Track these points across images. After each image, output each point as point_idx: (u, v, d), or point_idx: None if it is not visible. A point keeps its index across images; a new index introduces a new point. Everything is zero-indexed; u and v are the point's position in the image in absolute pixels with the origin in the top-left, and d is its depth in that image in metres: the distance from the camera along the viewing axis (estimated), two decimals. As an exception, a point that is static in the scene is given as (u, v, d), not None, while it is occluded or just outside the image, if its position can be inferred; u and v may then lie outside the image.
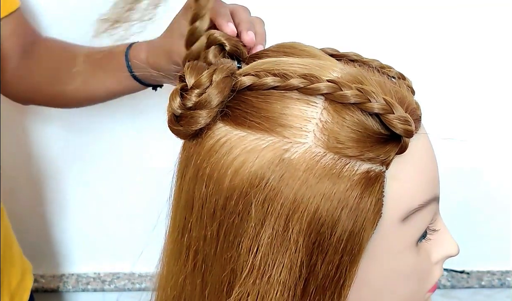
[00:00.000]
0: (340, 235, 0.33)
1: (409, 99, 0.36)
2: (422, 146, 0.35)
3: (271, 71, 0.35)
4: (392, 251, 0.35)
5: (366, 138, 0.33)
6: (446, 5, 0.71)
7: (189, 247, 0.36)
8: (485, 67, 0.74)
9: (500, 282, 0.85)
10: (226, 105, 0.35)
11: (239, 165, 0.33)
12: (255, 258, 0.33)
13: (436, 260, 0.39)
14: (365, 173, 0.33)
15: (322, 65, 0.35)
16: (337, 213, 0.32)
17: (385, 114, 0.33)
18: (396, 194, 0.34)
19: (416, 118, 0.35)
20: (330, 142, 0.33)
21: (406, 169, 0.34)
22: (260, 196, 0.33)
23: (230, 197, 0.33)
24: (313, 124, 0.33)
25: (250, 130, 0.34)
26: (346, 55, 0.39)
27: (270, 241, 0.33)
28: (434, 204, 0.36)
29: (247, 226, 0.33)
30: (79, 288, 0.86)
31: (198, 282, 0.36)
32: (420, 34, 0.72)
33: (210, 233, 0.35)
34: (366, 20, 0.71)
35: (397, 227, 0.35)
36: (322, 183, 0.32)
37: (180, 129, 0.35)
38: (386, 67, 0.38)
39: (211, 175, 0.34)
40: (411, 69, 0.43)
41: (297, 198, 0.32)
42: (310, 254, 0.33)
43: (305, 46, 0.38)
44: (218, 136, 0.34)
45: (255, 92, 0.35)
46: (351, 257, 0.33)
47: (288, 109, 0.33)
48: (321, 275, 0.33)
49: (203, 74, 0.35)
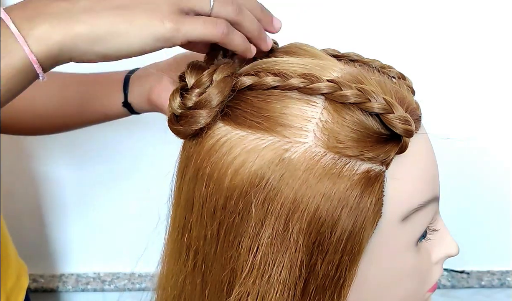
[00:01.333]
0: (340, 234, 0.33)
1: (409, 99, 0.36)
2: (422, 146, 0.35)
3: (271, 71, 0.35)
4: (392, 250, 0.35)
5: (366, 138, 0.33)
6: (446, 5, 0.71)
7: (189, 246, 0.36)
8: (486, 67, 0.74)
9: (500, 282, 0.85)
10: (226, 105, 0.35)
11: (239, 164, 0.33)
12: (255, 257, 0.33)
13: (436, 260, 0.39)
14: (365, 172, 0.33)
15: (322, 65, 0.35)
16: (337, 213, 0.32)
17: (385, 114, 0.33)
18: (396, 193, 0.34)
19: (416, 118, 0.35)
20: (330, 142, 0.33)
21: (406, 168, 0.34)
22: (260, 196, 0.33)
23: (230, 196, 0.33)
24: (313, 124, 0.33)
25: (250, 130, 0.34)
26: (347, 55, 0.39)
27: (270, 241, 0.33)
28: (434, 203, 0.36)
29: (247, 226, 0.33)
30: (79, 288, 0.85)
31: (198, 282, 0.36)
32: (420, 34, 0.72)
33: (210, 233, 0.35)
34: (366, 20, 0.71)
35: (397, 227, 0.35)
36: (322, 182, 0.32)
37: (180, 129, 0.35)
38: (386, 67, 0.38)
39: (211, 174, 0.34)
40: (411, 69, 0.43)
41: (297, 198, 0.32)
42: (310, 254, 0.33)
43: (305, 46, 0.38)
44: (218, 136, 0.34)
45: (255, 92, 0.35)
46: (351, 257, 0.33)
47: (288, 109, 0.33)
48: (321, 275, 0.33)
49: (203, 73, 0.35)
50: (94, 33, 0.32)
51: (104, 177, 0.82)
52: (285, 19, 0.40)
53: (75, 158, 0.81)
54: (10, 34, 0.32)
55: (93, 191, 0.82)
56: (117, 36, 0.33)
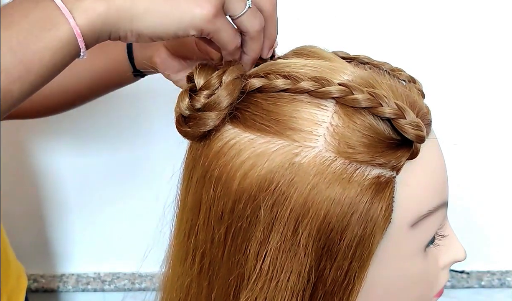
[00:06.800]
0: (349, 240, 0.32)
1: (420, 104, 0.35)
2: (432, 152, 0.35)
3: (281, 73, 0.34)
4: (400, 256, 0.35)
5: (377, 144, 0.33)
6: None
7: (195, 249, 0.36)
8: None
9: (500, 282, 0.85)
10: (235, 107, 0.34)
11: (248, 168, 0.33)
12: (264, 262, 0.33)
13: (443, 265, 0.39)
14: (376, 178, 0.32)
15: (332, 67, 0.35)
16: (347, 218, 0.32)
17: (397, 119, 0.32)
18: (406, 199, 0.33)
19: (426, 123, 0.35)
20: (340, 147, 0.32)
21: (416, 174, 0.34)
22: (269, 200, 0.32)
23: (238, 200, 0.33)
24: (323, 128, 0.33)
25: (260, 133, 0.33)
26: (357, 57, 0.38)
27: (278, 246, 0.32)
28: (443, 209, 0.36)
29: (255, 230, 0.33)
30: (79, 288, 0.85)
31: (204, 285, 0.36)
32: (421, 35, 0.72)
33: (218, 236, 0.34)
34: (366, 20, 0.71)
35: (406, 233, 0.34)
36: (332, 187, 0.32)
37: (188, 130, 0.35)
38: (396, 70, 0.38)
39: (220, 177, 0.34)
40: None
41: (306, 203, 0.32)
42: (319, 259, 0.33)
43: (315, 48, 0.38)
44: (227, 138, 0.34)
45: (265, 94, 0.34)
46: (360, 263, 0.33)
47: (298, 112, 0.33)
48: (329, 281, 0.33)
49: (212, 75, 0.35)
50: (135, 8, 0.33)
51: (104, 177, 0.81)
52: (285, 20, 0.40)
53: (76, 158, 0.81)
54: (55, 7, 0.32)
55: (93, 192, 0.82)
56: (156, 15, 0.33)
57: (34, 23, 0.32)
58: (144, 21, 0.33)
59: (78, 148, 0.80)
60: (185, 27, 0.33)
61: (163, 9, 0.33)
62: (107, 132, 0.79)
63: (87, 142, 0.80)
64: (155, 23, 0.33)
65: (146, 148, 0.80)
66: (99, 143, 0.80)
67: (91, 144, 0.80)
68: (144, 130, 0.78)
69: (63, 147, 0.80)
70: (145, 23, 0.33)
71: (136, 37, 0.34)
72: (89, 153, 0.80)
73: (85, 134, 0.79)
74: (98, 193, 0.82)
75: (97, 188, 0.82)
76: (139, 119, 0.78)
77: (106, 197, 0.82)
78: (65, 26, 0.32)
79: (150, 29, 0.33)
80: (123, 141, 0.80)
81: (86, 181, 0.82)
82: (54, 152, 0.80)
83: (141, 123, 0.78)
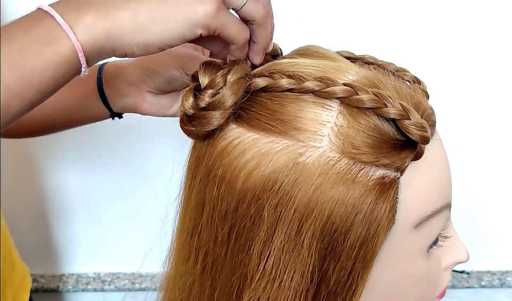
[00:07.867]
0: (353, 241, 0.32)
1: (424, 105, 0.35)
2: (437, 153, 0.35)
3: (286, 73, 0.34)
4: (403, 257, 0.35)
5: (382, 144, 0.32)
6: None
7: (198, 248, 0.36)
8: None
9: (500, 282, 0.85)
10: (239, 106, 0.34)
11: (252, 167, 0.33)
12: (267, 262, 0.33)
13: (446, 266, 0.39)
14: (380, 179, 0.32)
15: (337, 67, 0.35)
16: (351, 219, 0.32)
17: (402, 120, 0.32)
18: (410, 200, 0.33)
19: (431, 123, 0.35)
20: (345, 147, 0.32)
21: (420, 175, 0.34)
22: (273, 200, 0.32)
23: (242, 199, 0.33)
24: (328, 128, 0.33)
25: (264, 132, 0.33)
26: (361, 58, 0.38)
27: (282, 246, 0.32)
28: (446, 210, 0.36)
29: (259, 230, 0.33)
30: (79, 288, 0.85)
31: (207, 285, 0.36)
32: (421, 35, 0.72)
33: (221, 236, 0.34)
34: (366, 20, 0.71)
35: (410, 234, 0.34)
36: (337, 188, 0.32)
37: (192, 129, 0.35)
38: (401, 70, 0.38)
39: (223, 176, 0.34)
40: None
41: (310, 203, 0.32)
42: (322, 260, 0.33)
43: (319, 48, 0.38)
44: (231, 138, 0.34)
45: (269, 94, 0.34)
46: (363, 264, 0.33)
47: (303, 112, 0.33)
48: (333, 281, 0.33)
49: (217, 74, 0.34)
50: (137, 19, 0.32)
51: (105, 178, 0.81)
52: (285, 20, 0.39)
53: (77, 159, 0.81)
54: (56, 24, 0.32)
55: (93, 192, 0.82)
56: (160, 22, 0.32)
57: (35, 39, 0.31)
58: (149, 31, 0.32)
59: (79, 149, 0.80)
60: (191, 27, 0.33)
61: (166, 14, 0.32)
62: (107, 133, 0.79)
63: (87, 143, 0.79)
64: (161, 30, 0.32)
65: (146, 148, 0.79)
66: (99, 144, 0.80)
67: (91, 145, 0.80)
68: (144, 131, 0.78)
69: (63, 148, 0.80)
70: (150, 32, 0.32)
71: (143, 49, 0.33)
72: (90, 154, 0.80)
73: (85, 134, 0.79)
74: (98, 193, 0.82)
75: (97, 188, 0.81)
76: (140, 119, 0.78)
77: (106, 197, 0.82)
78: (66, 42, 0.31)
79: (157, 38, 0.33)
80: (123, 142, 0.79)
81: (86, 181, 0.81)
82: (54, 152, 0.80)
83: (141, 124, 0.78)
